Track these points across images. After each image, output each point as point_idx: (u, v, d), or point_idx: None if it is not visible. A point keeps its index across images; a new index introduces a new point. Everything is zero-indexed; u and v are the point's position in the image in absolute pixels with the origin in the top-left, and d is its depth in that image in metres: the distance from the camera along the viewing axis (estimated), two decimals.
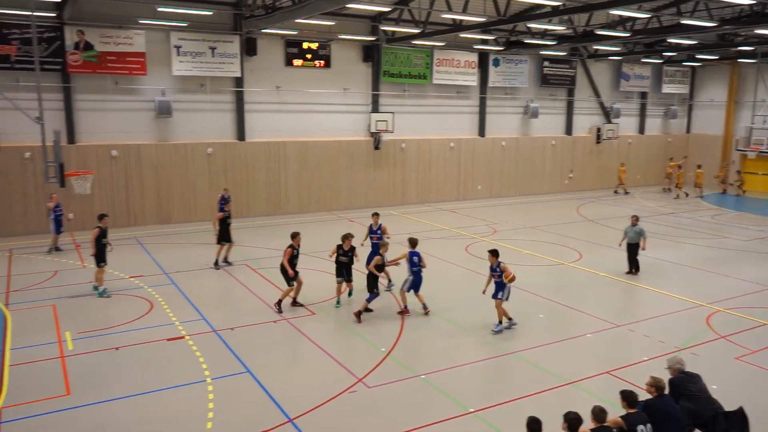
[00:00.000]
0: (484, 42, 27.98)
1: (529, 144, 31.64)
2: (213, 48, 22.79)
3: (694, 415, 7.46)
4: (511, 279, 12.30)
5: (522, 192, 31.55)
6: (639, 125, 36.44)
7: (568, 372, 10.61)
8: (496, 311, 12.43)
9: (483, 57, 29.26)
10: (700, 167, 32.50)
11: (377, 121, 26.30)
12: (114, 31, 21.11)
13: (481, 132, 30.16)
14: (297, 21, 20.71)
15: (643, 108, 36.29)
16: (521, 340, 12.14)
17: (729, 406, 7.69)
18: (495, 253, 12.45)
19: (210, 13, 21.41)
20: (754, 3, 17.65)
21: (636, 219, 17.02)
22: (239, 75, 23.59)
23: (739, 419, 7.52)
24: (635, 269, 16.90)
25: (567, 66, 32.03)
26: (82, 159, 21.13)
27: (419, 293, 13.38)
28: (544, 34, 26.65)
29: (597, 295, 15.48)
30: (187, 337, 11.99)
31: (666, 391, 7.37)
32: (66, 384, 9.96)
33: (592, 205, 28.94)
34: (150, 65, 21.92)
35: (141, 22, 21.33)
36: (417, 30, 24.03)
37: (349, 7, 19.39)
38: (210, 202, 22.45)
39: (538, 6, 20.24)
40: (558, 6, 18.80)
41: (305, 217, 24.63)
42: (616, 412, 7.16)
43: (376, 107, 26.96)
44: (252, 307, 13.85)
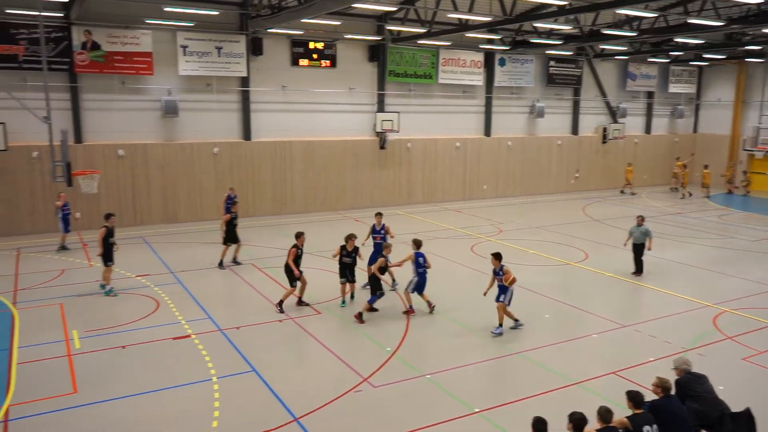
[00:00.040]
0: (490, 41, 27.93)
1: (535, 144, 31.57)
2: (219, 48, 22.85)
3: (700, 416, 7.43)
4: (511, 281, 12.21)
5: (528, 192, 31.49)
6: (645, 125, 36.31)
7: (573, 372, 10.59)
8: (497, 314, 12.33)
9: (489, 56, 29.21)
10: (707, 167, 32.35)
11: (383, 121, 26.31)
12: (121, 31, 21.20)
13: (487, 132, 30.12)
14: (303, 21, 20.72)
15: (650, 107, 36.15)
16: (527, 340, 12.12)
17: (736, 407, 7.66)
18: (498, 256, 12.38)
19: (216, 13, 21.45)
20: (761, 2, 17.53)
21: (641, 219, 16.93)
22: (245, 75, 23.64)
23: (746, 420, 7.48)
24: (639, 270, 16.81)
25: (573, 65, 31.95)
26: (89, 158, 21.23)
27: (423, 293, 13.41)
28: (550, 33, 26.59)
29: (603, 295, 15.45)
30: (193, 336, 12.03)
31: (672, 392, 7.35)
32: (73, 382, 10.02)
33: (598, 205, 28.87)
34: (156, 65, 22.00)
35: (148, 22, 21.40)
36: (423, 30, 24.02)
37: (355, 7, 19.42)
38: (216, 201, 22.54)
39: (544, 5, 20.20)
40: (564, 5, 18.74)
41: (311, 217, 24.67)
42: (622, 412, 7.14)
43: (381, 107, 26.96)
44: (258, 307, 13.88)
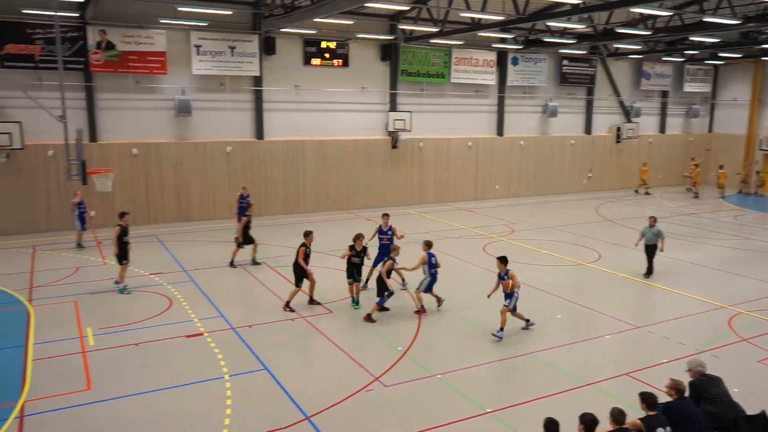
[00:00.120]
0: (502, 40, 27.81)
1: (548, 143, 31.41)
2: (232, 47, 22.95)
3: (714, 419, 7.36)
4: (511, 288, 11.96)
5: (540, 192, 31.34)
6: (660, 124, 36.00)
7: (586, 373, 10.53)
8: (500, 317, 12.02)
9: (502, 56, 29.10)
10: (722, 167, 32.02)
11: (395, 120, 26.30)
12: (135, 31, 21.36)
13: (500, 131, 30.01)
14: (315, 20, 20.78)
15: (664, 107, 35.83)
16: (538, 340, 12.06)
17: (751, 409, 7.58)
18: (504, 260, 12.21)
19: (229, 13, 21.56)
20: None
21: (654, 220, 16.67)
22: (258, 74, 23.73)
23: (762, 423, 7.40)
24: (649, 272, 16.59)
25: (587, 64, 31.74)
26: (103, 157, 21.41)
27: (432, 290, 13.48)
28: (563, 32, 26.44)
29: (616, 296, 15.35)
30: (206, 334, 12.09)
31: (686, 394, 7.29)
32: (87, 379, 10.11)
33: (611, 205, 28.67)
34: (170, 64, 22.14)
35: (162, 21, 21.56)
36: (435, 29, 23.99)
37: (368, 6, 19.40)
38: (229, 200, 22.63)
39: (557, 4, 20.07)
40: (578, 4, 18.63)
41: (323, 216, 24.72)
42: (634, 414, 7.09)
43: (394, 106, 26.95)
44: (270, 305, 13.93)
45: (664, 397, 7.26)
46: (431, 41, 25.77)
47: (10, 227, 20.40)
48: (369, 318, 12.95)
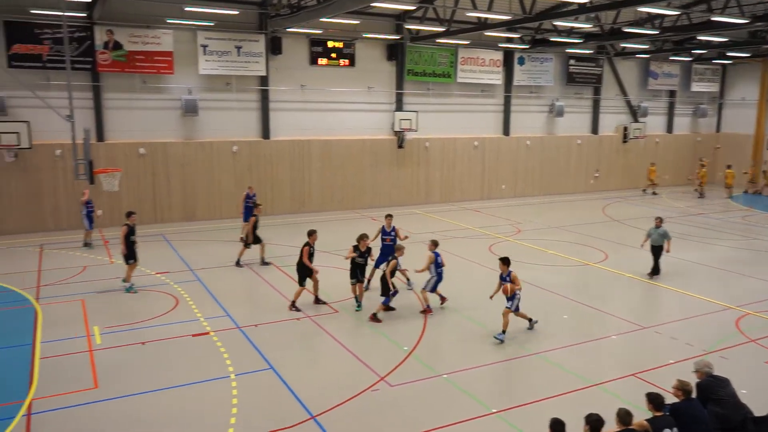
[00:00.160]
0: (509, 40, 27.75)
1: (555, 143, 31.33)
2: (239, 47, 23.01)
3: (722, 420, 7.32)
4: (511, 291, 11.80)
5: (547, 191, 31.26)
6: (667, 124, 35.84)
7: (592, 373, 10.50)
8: (502, 319, 11.91)
9: (508, 55, 29.04)
10: (730, 167, 31.83)
11: (401, 120, 26.29)
12: (142, 31, 21.44)
13: (506, 131, 29.95)
14: (322, 20, 20.79)
15: (672, 107, 35.67)
16: (545, 340, 12.03)
17: (759, 411, 7.54)
18: (506, 262, 12.06)
19: (236, 13, 21.60)
20: None
21: (660, 221, 16.57)
22: (264, 74, 23.77)
23: None
24: (653, 272, 16.42)
25: (593, 64, 31.63)
26: (110, 157, 21.49)
27: (437, 289, 13.52)
28: (570, 31, 26.37)
29: (622, 296, 15.30)
30: (212, 333, 12.13)
31: (693, 395, 7.25)
32: (94, 377, 10.15)
33: (618, 205, 28.57)
34: (177, 64, 22.21)
35: (168, 21, 21.63)
36: (441, 28, 23.95)
37: (374, 6, 19.41)
38: (235, 199, 22.66)
39: (564, 3, 20.00)
40: (585, 3, 18.57)
41: (329, 216, 24.73)
42: (641, 415, 7.07)
43: (400, 106, 26.94)
44: (276, 304, 13.95)
45: (671, 398, 7.22)
46: (437, 41, 25.75)
47: (18, 226, 20.52)
48: (375, 318, 12.94)
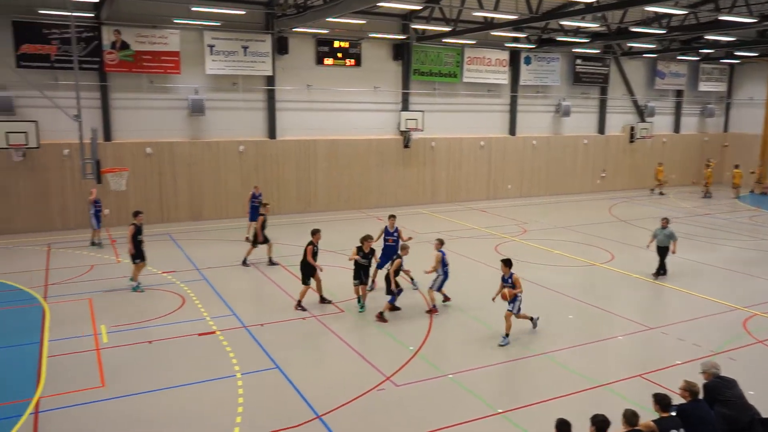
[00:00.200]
0: (515, 40, 27.68)
1: (561, 143, 31.25)
2: (245, 47, 23.05)
3: (729, 421, 7.28)
4: (510, 296, 11.65)
5: (553, 192, 31.18)
6: (674, 124, 35.68)
7: (598, 374, 10.47)
8: (504, 322, 11.81)
9: (514, 55, 28.99)
10: (737, 167, 31.65)
11: (407, 120, 26.29)
12: (149, 31, 21.52)
13: (512, 131, 29.90)
14: (328, 20, 20.80)
15: (679, 106, 35.51)
16: (551, 340, 12.00)
17: (766, 412, 7.50)
18: (508, 263, 11.91)
19: (243, 13, 21.64)
20: None
21: (666, 221, 16.47)
22: (271, 74, 23.81)
23: None
24: (658, 273, 16.34)
25: (600, 64, 31.53)
26: (117, 156, 21.58)
27: (442, 288, 13.59)
28: (576, 31, 26.29)
29: (629, 297, 15.25)
30: (218, 333, 12.16)
31: (700, 396, 7.22)
32: (101, 376, 10.20)
33: (625, 206, 28.47)
34: (184, 64, 22.28)
35: (175, 21, 21.70)
36: (448, 28, 23.92)
37: (380, 6, 19.40)
38: (242, 199, 22.73)
39: (571, 3, 19.97)
40: (591, 2, 18.50)
41: (335, 215, 24.75)
42: (648, 415, 7.04)
43: (406, 105, 26.94)
44: (282, 304, 13.98)
45: (677, 399, 7.19)
46: (444, 40, 25.73)
47: (26, 225, 20.64)
48: (381, 317, 12.95)
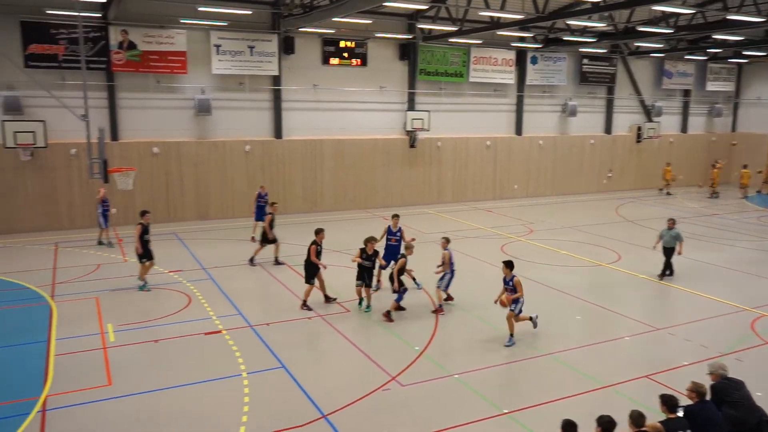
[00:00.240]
0: (521, 39, 27.61)
1: (567, 143, 31.15)
2: (252, 47, 23.10)
3: (736, 423, 7.24)
4: (509, 301, 11.56)
5: (559, 192, 31.09)
6: (681, 124, 35.52)
7: (605, 375, 10.43)
8: (507, 324, 11.73)
9: (521, 55, 28.92)
10: (745, 167, 31.47)
11: (413, 120, 26.27)
12: (156, 31, 21.59)
13: (518, 131, 29.83)
14: (334, 19, 20.81)
15: (686, 106, 35.34)
16: (557, 341, 11.97)
17: None
18: (509, 265, 11.83)
19: (249, 13, 21.69)
20: None
21: (672, 222, 16.35)
22: (277, 73, 23.85)
23: None
24: (664, 273, 16.24)
25: (607, 63, 31.42)
26: (124, 156, 21.66)
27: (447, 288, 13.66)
28: (583, 31, 26.21)
29: (635, 297, 15.18)
30: (224, 332, 12.19)
31: (708, 397, 7.18)
32: (107, 374, 10.24)
33: (631, 206, 28.36)
34: (190, 64, 22.35)
35: (182, 21, 21.77)
36: (454, 28, 23.90)
37: (386, 6, 19.40)
38: (248, 199, 22.75)
39: (577, 2, 19.91)
40: (598, 2, 18.45)
41: (341, 215, 24.76)
42: (654, 417, 7.01)
43: (412, 105, 26.92)
44: (287, 304, 14.00)
45: (684, 400, 7.16)
46: (450, 40, 25.70)
47: (33, 224, 20.75)
48: (388, 316, 12.94)
